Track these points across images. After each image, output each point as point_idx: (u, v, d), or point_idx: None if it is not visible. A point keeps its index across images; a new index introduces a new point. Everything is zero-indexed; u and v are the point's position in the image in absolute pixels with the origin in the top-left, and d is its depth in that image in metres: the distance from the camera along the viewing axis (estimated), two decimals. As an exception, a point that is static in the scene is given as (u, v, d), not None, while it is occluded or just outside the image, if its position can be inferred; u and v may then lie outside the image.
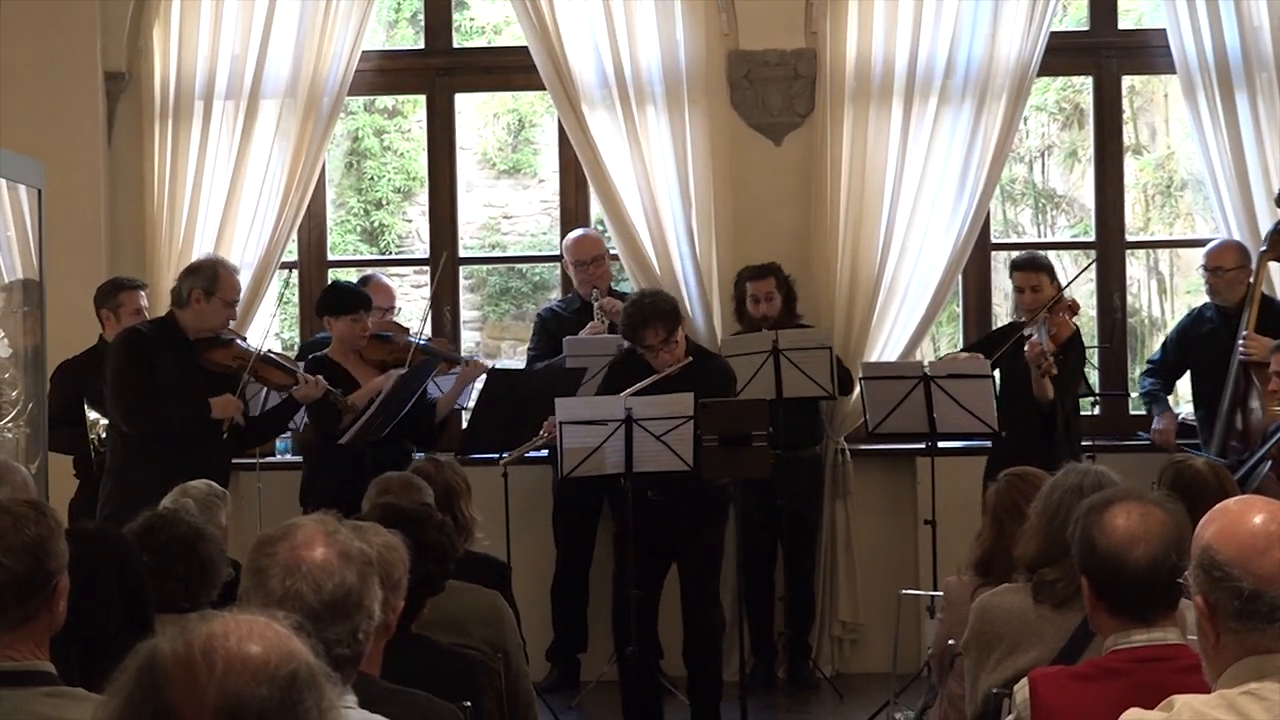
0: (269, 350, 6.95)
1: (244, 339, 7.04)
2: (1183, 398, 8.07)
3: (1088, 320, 9.45)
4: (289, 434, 8.02)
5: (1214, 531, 2.62)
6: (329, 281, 8.13)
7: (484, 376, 7.36)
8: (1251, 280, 7.53)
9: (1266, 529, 2.59)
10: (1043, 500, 3.95)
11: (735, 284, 7.84)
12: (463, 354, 8.18)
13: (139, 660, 1.83)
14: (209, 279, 6.65)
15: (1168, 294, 13.48)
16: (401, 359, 7.11)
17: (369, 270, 8.47)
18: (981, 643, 3.86)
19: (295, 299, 8.90)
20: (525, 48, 8.15)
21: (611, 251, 8.16)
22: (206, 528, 4.07)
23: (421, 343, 7.29)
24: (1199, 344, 7.69)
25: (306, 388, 6.81)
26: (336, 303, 7.21)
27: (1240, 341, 7.32)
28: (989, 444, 7.34)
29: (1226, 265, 7.61)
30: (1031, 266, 7.52)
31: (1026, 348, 7.15)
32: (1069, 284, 7.58)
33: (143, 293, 7.33)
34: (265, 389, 7.10)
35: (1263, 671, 2.57)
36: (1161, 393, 7.82)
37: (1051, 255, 8.09)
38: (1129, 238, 8.82)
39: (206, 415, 6.58)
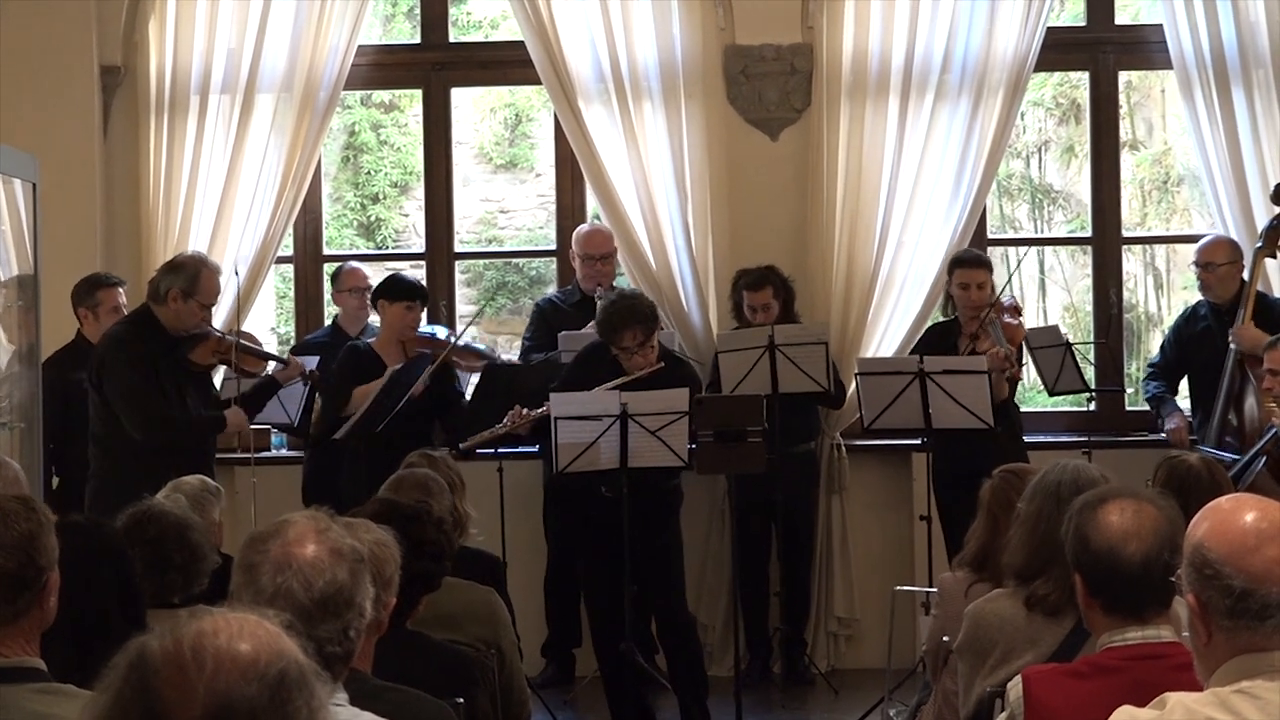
0: (239, 334, 6.89)
1: (215, 328, 6.97)
2: (1180, 395, 8.05)
3: (1084, 315, 9.44)
4: (285, 431, 7.99)
5: (1205, 529, 2.60)
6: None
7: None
8: (1246, 277, 7.52)
9: (1258, 527, 2.57)
10: (1024, 505, 3.92)
11: (732, 287, 7.78)
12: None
13: (128, 657, 1.83)
14: (189, 280, 6.57)
15: (1164, 289, 13.48)
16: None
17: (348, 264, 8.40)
18: (976, 650, 3.84)
19: (291, 293, 8.88)
20: (522, 42, 8.14)
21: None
22: (190, 515, 4.07)
23: (461, 344, 7.43)
24: (1194, 343, 7.68)
25: (288, 369, 6.82)
26: (394, 288, 7.24)
27: (1231, 332, 7.31)
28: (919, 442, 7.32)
29: (1218, 261, 7.59)
30: (977, 263, 7.50)
31: (988, 356, 7.10)
32: (1005, 285, 7.61)
33: (120, 290, 7.25)
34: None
35: (1255, 670, 2.56)
36: (1167, 394, 7.80)
37: (1048, 251, 8.08)
38: (1125, 233, 8.81)
39: (222, 427, 6.60)
